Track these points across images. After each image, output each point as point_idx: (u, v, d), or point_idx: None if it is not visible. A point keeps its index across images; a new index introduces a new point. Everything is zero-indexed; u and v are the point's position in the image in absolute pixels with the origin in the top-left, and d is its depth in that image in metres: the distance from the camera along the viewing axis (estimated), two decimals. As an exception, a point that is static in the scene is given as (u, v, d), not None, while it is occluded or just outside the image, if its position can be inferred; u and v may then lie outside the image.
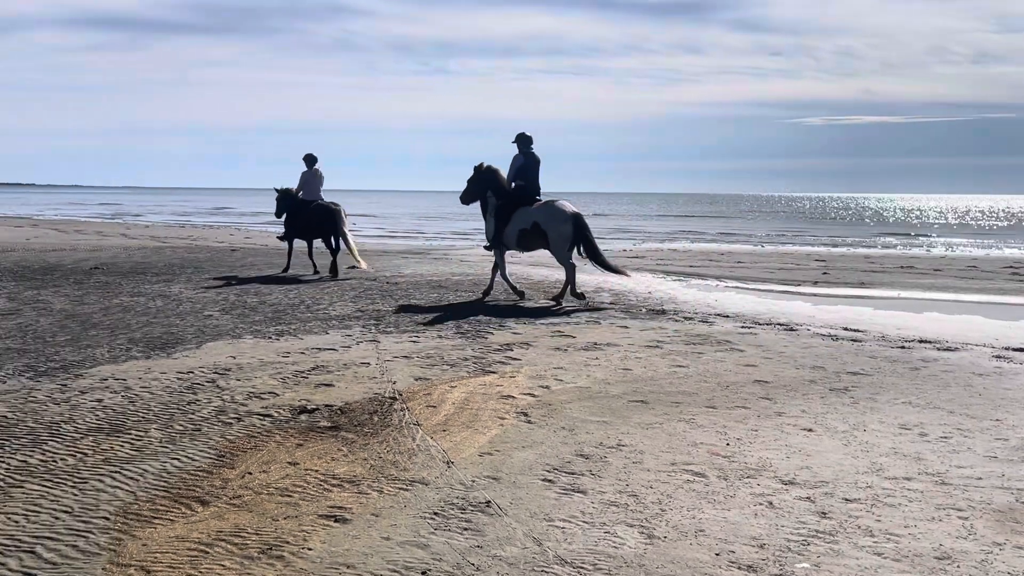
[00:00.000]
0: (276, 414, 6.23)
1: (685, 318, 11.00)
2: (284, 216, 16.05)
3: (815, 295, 14.85)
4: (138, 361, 7.95)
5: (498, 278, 12.95)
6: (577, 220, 12.33)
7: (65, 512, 4.38)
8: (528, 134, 12.64)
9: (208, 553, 3.94)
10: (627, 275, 13.31)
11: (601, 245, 13.13)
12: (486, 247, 13.06)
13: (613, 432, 5.91)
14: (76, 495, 4.61)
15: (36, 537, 4.07)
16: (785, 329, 10.24)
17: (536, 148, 12.62)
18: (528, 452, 5.46)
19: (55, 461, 5.15)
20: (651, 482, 4.95)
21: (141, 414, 6.18)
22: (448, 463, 5.22)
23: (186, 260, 18.82)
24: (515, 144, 12.71)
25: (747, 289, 15.57)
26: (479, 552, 4.00)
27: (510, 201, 12.51)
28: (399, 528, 4.25)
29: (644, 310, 11.70)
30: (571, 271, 12.35)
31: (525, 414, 6.31)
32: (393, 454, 5.39)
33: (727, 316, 11.27)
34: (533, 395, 6.87)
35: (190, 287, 13.62)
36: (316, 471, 5.04)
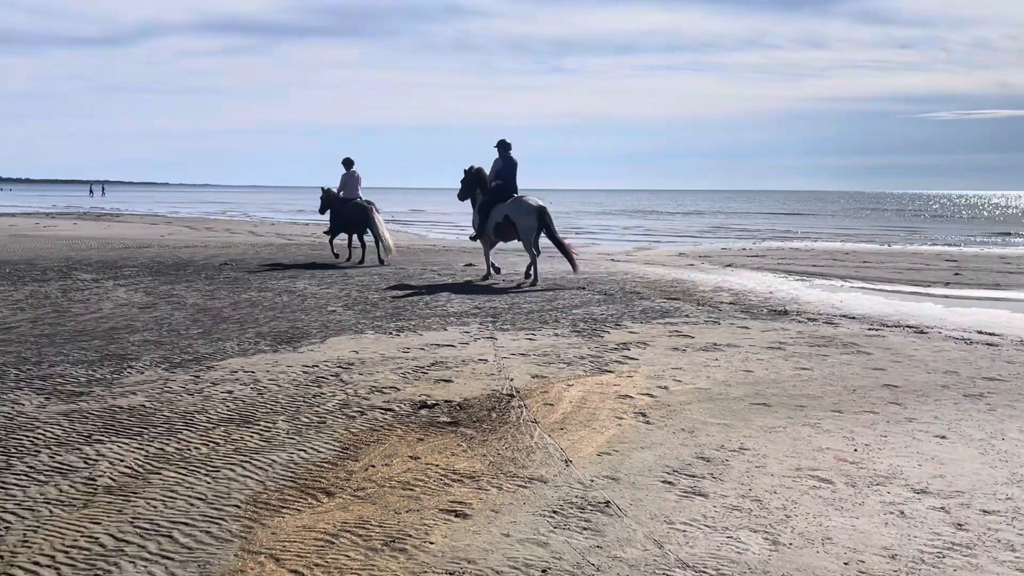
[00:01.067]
0: (397, 408, 6.34)
1: (809, 319, 10.70)
2: (328, 212, 18.27)
3: (947, 296, 14.23)
4: (266, 354, 8.22)
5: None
6: (540, 213, 14.28)
7: (199, 499, 4.56)
8: (507, 141, 14.78)
9: (334, 543, 4.03)
10: (577, 266, 14.86)
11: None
12: (472, 237, 15.51)
13: (735, 435, 5.78)
14: (209, 483, 4.79)
15: (173, 522, 4.25)
16: (915, 332, 9.85)
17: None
18: (647, 453, 5.40)
19: (189, 450, 5.36)
20: (775, 487, 4.83)
21: (269, 406, 6.38)
22: (566, 462, 5.21)
23: (310, 257, 19.36)
24: (496, 149, 14.85)
25: (874, 290, 15.04)
26: (599, 552, 3.97)
27: (491, 198, 14.66)
28: (519, 525, 4.27)
29: (765, 310, 11.43)
30: (534, 258, 14.35)
31: (643, 414, 6.25)
32: (512, 451, 5.41)
33: (853, 318, 10.90)
34: (651, 395, 6.79)
35: (314, 283, 14.01)
36: (437, 466, 5.11)
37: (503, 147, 14.79)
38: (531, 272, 14.30)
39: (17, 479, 4.79)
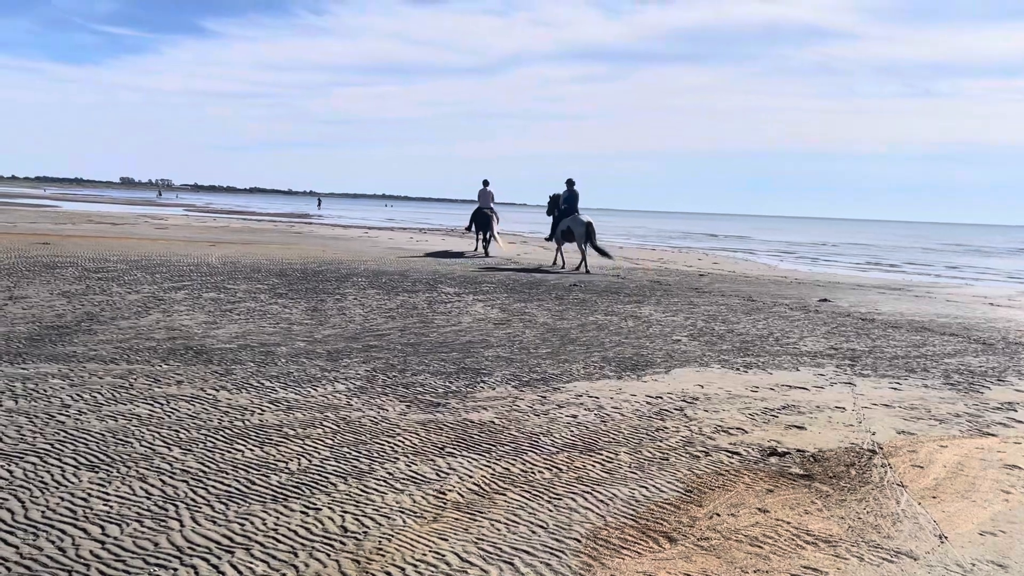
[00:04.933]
0: (744, 453, 5.98)
1: None
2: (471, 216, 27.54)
3: None
4: (610, 380, 8.19)
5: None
6: (588, 226, 22.01)
7: (540, 527, 4.53)
8: (572, 179, 22.94)
9: (675, 597, 3.80)
10: (611, 257, 23.45)
11: None
12: (546, 239, 24.11)
13: None
14: (551, 511, 4.76)
15: (515, 549, 4.24)
16: None
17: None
18: (1043, 539, 4.60)
19: (533, 473, 5.38)
20: None
21: (611, 435, 6.30)
22: (940, 537, 4.58)
23: (655, 283, 19.37)
24: (565, 184, 22.98)
25: None
26: (984, 656, 3.39)
27: (560, 215, 22.93)
28: (884, 607, 3.77)
29: None
30: (584, 255, 22.04)
31: (1037, 491, 5.38)
32: (874, 516, 4.86)
33: None
34: (1046, 468, 5.85)
35: (659, 310, 13.94)
36: (788, 523, 4.70)
37: (569, 184, 22.93)
38: (583, 266, 21.83)
39: (377, 484, 5.06)
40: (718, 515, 4.80)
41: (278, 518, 4.49)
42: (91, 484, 4.84)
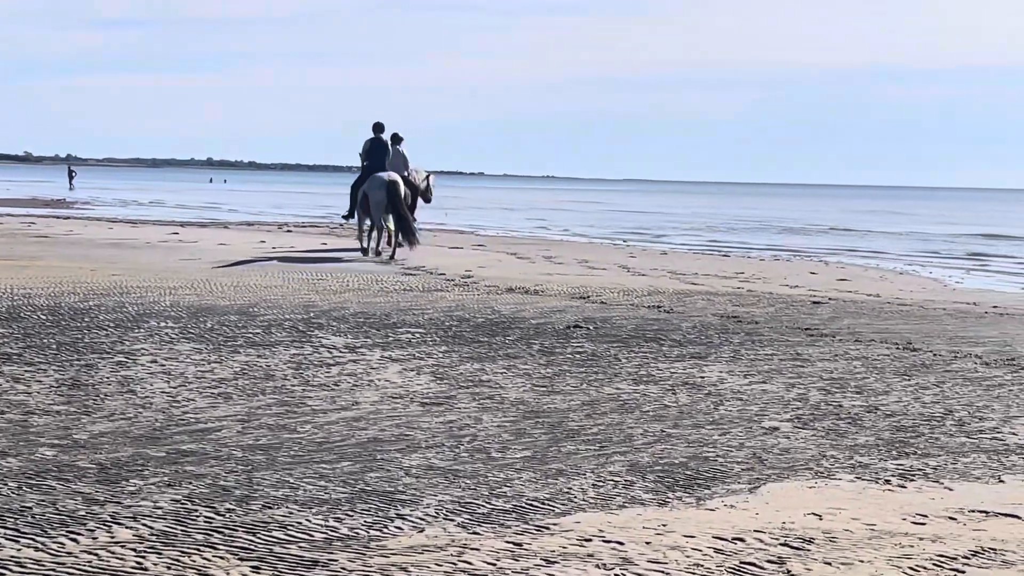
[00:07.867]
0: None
1: None
2: None
3: None
4: (645, 508, 8.09)
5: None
6: (390, 188, 27.35)
7: None
8: (381, 123, 29.88)
9: None
10: (417, 244, 28.73)
11: None
12: (343, 216, 32.63)
13: None
14: None
15: None
16: None
17: None
18: None
19: None
20: None
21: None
22: None
23: (728, 318, 19.54)
24: (372, 131, 29.88)
25: None
26: None
27: (360, 176, 29.25)
28: None
29: None
30: (389, 232, 28.77)
31: None
32: None
33: None
34: None
35: (737, 370, 13.93)
36: None
37: (375, 128, 29.52)
38: (380, 248, 28.84)
39: None
40: None
41: None
42: None
